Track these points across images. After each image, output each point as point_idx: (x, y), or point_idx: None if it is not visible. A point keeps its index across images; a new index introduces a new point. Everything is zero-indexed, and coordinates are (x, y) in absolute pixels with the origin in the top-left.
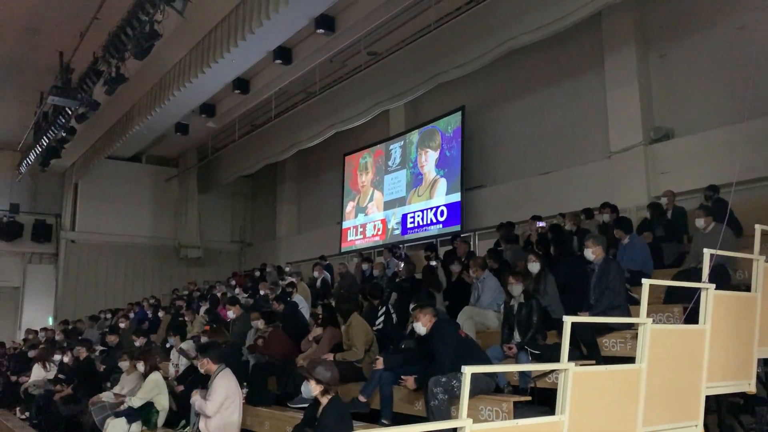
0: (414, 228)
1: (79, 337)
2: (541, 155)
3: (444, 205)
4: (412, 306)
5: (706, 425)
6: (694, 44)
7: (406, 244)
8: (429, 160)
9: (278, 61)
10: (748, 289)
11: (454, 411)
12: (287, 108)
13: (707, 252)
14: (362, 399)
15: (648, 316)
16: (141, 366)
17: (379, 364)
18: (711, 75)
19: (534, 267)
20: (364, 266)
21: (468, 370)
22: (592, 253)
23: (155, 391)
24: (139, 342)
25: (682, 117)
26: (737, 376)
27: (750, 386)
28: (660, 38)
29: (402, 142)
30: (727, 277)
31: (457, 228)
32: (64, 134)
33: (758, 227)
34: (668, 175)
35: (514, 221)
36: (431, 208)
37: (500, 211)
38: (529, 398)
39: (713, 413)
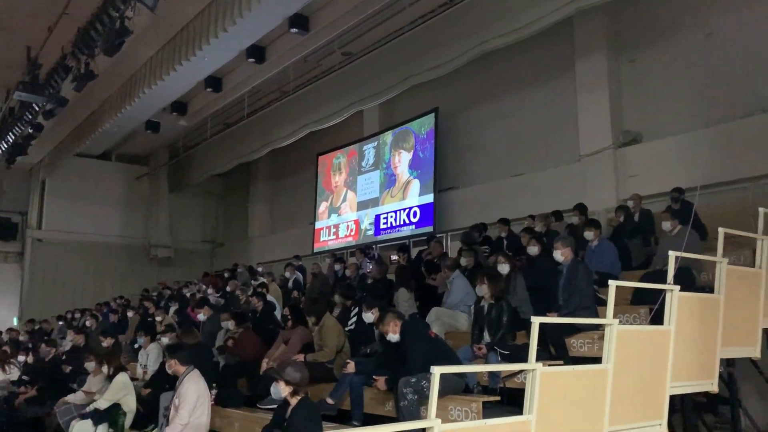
0: (387, 229)
1: (45, 338)
2: (513, 158)
3: (417, 206)
4: (366, 311)
5: (670, 424)
6: (663, 50)
7: (379, 245)
8: (402, 161)
9: (251, 60)
10: (711, 290)
11: (424, 411)
12: (260, 107)
13: (672, 254)
14: (330, 402)
15: (615, 317)
16: (105, 368)
17: (350, 368)
18: (679, 81)
19: (503, 268)
20: (337, 267)
21: (437, 371)
22: (560, 254)
23: (122, 392)
24: (106, 343)
25: (650, 121)
26: (701, 376)
27: (713, 386)
28: (630, 44)
29: (376, 143)
30: (692, 279)
31: (429, 229)
32: (30, 131)
33: (721, 230)
34: (636, 178)
35: (487, 223)
36: (404, 209)
37: (473, 213)
38: (498, 398)
39: (677, 412)
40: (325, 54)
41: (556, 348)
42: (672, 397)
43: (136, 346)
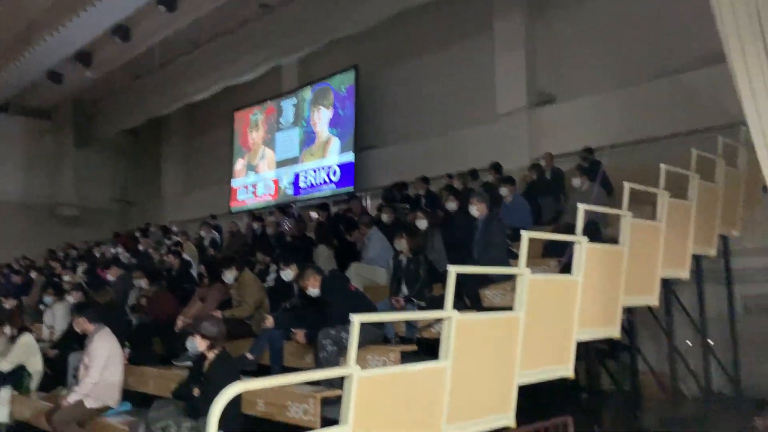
0: (308, 188)
1: None
2: (432, 117)
3: (337, 165)
4: (284, 269)
5: (575, 370)
6: (577, 12)
7: (298, 204)
8: (322, 118)
9: (162, 7)
10: (616, 243)
11: (343, 362)
12: (173, 59)
13: (581, 207)
14: (249, 357)
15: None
16: (8, 330)
17: (269, 322)
18: (591, 43)
19: (422, 224)
20: (255, 225)
21: (357, 319)
22: (476, 209)
23: (26, 354)
24: (8, 304)
25: (563, 82)
26: (605, 323)
27: (615, 332)
28: (546, 4)
29: (295, 100)
30: (599, 232)
31: (350, 188)
32: None
33: (626, 185)
34: (549, 138)
35: (406, 181)
36: (324, 168)
37: (393, 171)
38: (416, 348)
39: (581, 359)
40: (241, 4)
41: (470, 299)
42: (577, 344)
43: (42, 307)
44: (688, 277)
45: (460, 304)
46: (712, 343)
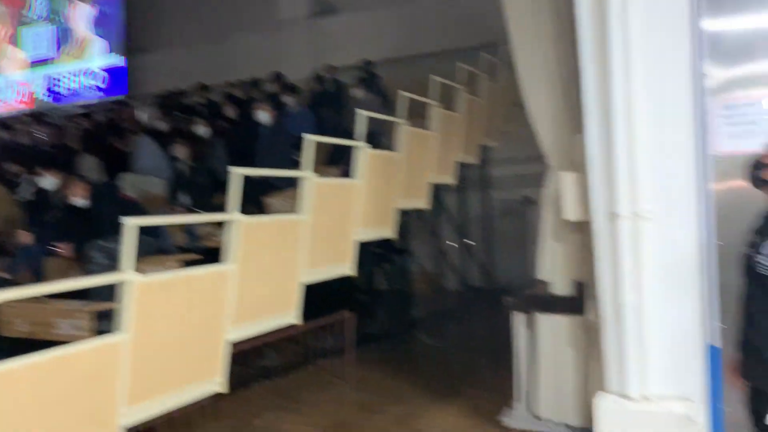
0: (70, 95)
1: None
2: (211, 21)
3: (105, 70)
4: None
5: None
6: None
7: (60, 113)
8: (82, 15)
9: None
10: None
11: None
12: None
13: (361, 116)
14: (6, 277)
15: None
16: None
17: (26, 238)
18: None
19: (201, 131)
20: (3, 134)
21: (129, 222)
22: (265, 114)
23: None
24: None
25: None
26: (381, 225)
27: (391, 233)
28: None
29: None
30: (377, 140)
31: (122, 96)
32: None
33: (402, 94)
34: (331, 50)
35: (185, 89)
36: (90, 73)
37: (169, 78)
38: (200, 257)
39: (361, 264)
40: None
41: (254, 205)
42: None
43: None
44: (454, 182)
45: (245, 211)
46: (471, 243)
